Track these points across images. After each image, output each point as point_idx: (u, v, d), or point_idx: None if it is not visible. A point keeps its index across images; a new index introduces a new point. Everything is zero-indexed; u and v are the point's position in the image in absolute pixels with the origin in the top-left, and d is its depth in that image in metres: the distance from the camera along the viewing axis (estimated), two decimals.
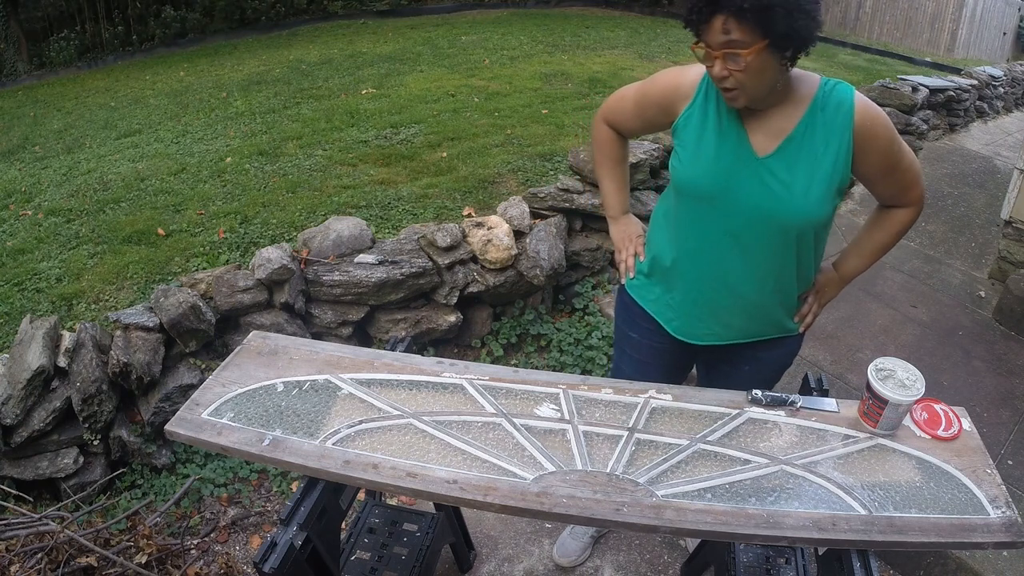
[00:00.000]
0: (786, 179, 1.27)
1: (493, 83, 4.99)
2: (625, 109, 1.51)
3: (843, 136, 1.25)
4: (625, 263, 1.61)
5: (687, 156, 1.35)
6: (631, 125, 1.54)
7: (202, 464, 2.30)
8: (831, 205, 1.30)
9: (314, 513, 1.21)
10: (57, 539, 1.63)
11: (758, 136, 1.29)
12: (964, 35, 8.91)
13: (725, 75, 1.18)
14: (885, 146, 1.28)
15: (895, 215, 1.42)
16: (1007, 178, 3.87)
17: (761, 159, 1.28)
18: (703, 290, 1.43)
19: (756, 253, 1.34)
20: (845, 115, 1.25)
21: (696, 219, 1.38)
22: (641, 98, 1.46)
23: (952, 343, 2.99)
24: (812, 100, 1.27)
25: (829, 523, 1.07)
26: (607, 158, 1.63)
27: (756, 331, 1.48)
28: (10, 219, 3.24)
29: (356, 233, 2.66)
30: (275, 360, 1.40)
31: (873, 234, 1.47)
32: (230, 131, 4.24)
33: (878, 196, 1.41)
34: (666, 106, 1.39)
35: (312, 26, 8.15)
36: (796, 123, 1.27)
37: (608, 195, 1.68)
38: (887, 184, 1.36)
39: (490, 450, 1.20)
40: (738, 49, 1.14)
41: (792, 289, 1.43)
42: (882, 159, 1.29)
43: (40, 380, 2.06)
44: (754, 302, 1.41)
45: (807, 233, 1.33)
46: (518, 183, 3.30)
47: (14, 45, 7.58)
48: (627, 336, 1.65)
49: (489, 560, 2.06)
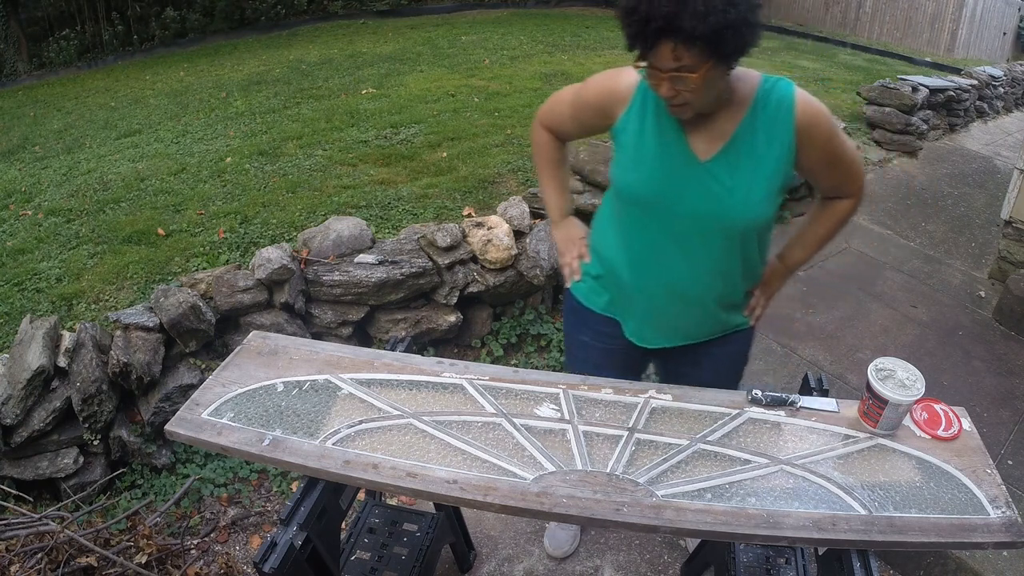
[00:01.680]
0: (728, 183, 1.26)
1: (493, 83, 4.99)
2: (562, 113, 1.49)
3: (785, 134, 1.25)
4: (570, 266, 1.59)
5: (627, 161, 1.33)
6: (568, 129, 1.51)
7: (202, 464, 2.30)
8: (774, 205, 1.30)
9: (314, 513, 1.21)
10: (57, 539, 1.63)
11: (699, 140, 1.27)
12: (964, 35, 8.91)
13: (674, 95, 1.17)
14: (826, 140, 1.27)
15: (837, 207, 1.43)
16: (1007, 178, 3.87)
17: (703, 163, 1.27)
18: (652, 296, 1.42)
19: (702, 257, 1.34)
20: (786, 113, 1.24)
21: (640, 225, 1.37)
22: (577, 102, 1.44)
23: (952, 343, 2.99)
24: (753, 100, 1.25)
25: (829, 523, 1.07)
26: (547, 162, 1.60)
27: (707, 332, 1.49)
28: (10, 219, 3.24)
29: (356, 233, 2.66)
30: (275, 360, 1.40)
31: (816, 226, 1.48)
32: (230, 131, 4.24)
33: (820, 189, 1.42)
34: (603, 110, 1.37)
35: (312, 26, 8.16)
36: (737, 125, 1.25)
37: (549, 199, 1.65)
38: (829, 177, 1.36)
39: (490, 450, 1.20)
40: (687, 73, 1.12)
41: (739, 288, 1.45)
42: (823, 153, 1.29)
43: (40, 380, 2.06)
44: (702, 305, 1.42)
45: (751, 234, 1.33)
46: (518, 183, 3.30)
47: (14, 45, 7.58)
48: (577, 340, 1.63)
49: (489, 560, 2.06)
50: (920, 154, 5.12)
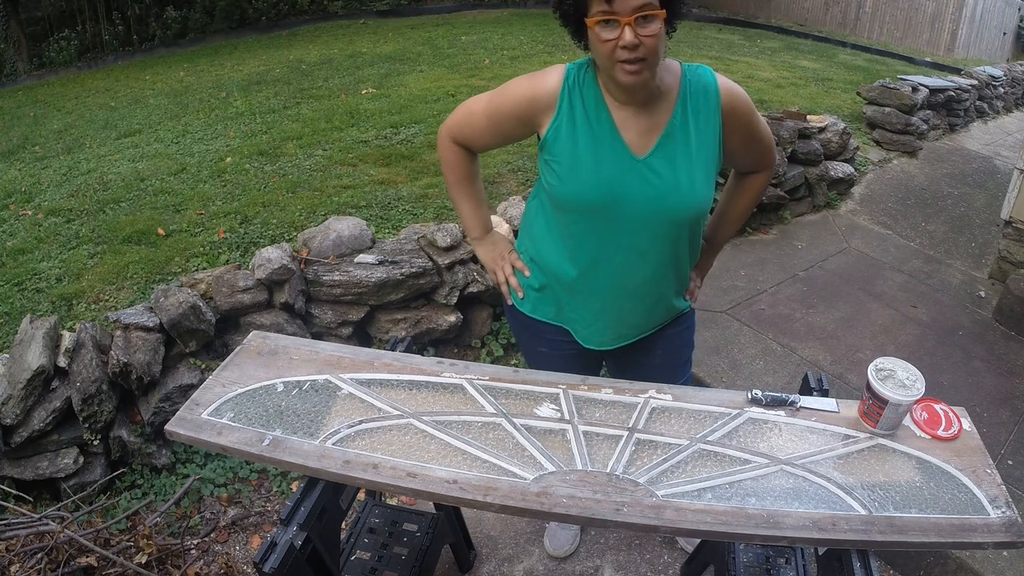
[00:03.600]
0: (668, 175, 1.27)
1: (493, 83, 4.97)
2: (475, 124, 1.41)
3: (714, 119, 1.27)
4: (507, 284, 1.54)
5: (564, 171, 1.29)
6: (484, 141, 1.44)
7: (202, 464, 2.30)
8: (713, 188, 1.32)
9: (314, 513, 1.21)
10: (57, 539, 1.64)
11: (632, 136, 1.27)
12: (964, 35, 8.91)
13: (637, 43, 1.13)
14: (747, 121, 1.32)
15: (754, 181, 1.49)
16: (1007, 178, 3.88)
17: (641, 159, 1.27)
18: (606, 300, 1.42)
19: (652, 253, 1.35)
20: (712, 99, 1.26)
21: (587, 232, 1.33)
22: (494, 112, 1.37)
23: (952, 343, 2.99)
24: (679, 90, 1.27)
25: (829, 523, 1.07)
26: (460, 178, 1.51)
27: (657, 321, 1.51)
28: (10, 219, 3.24)
29: (356, 233, 2.66)
30: (275, 360, 1.40)
31: (738, 203, 1.54)
32: (230, 131, 4.25)
33: (738, 166, 1.46)
34: (525, 118, 1.33)
35: (312, 26, 8.16)
36: (669, 117, 1.26)
37: (466, 217, 1.56)
38: (749, 155, 1.41)
39: (490, 450, 1.20)
40: (653, 11, 1.12)
41: (686, 274, 1.48)
42: (745, 134, 1.34)
43: (40, 380, 2.06)
44: (655, 298, 1.45)
45: (699, 222, 1.36)
46: (518, 183, 3.30)
47: (14, 45, 7.58)
48: (538, 352, 1.60)
49: (489, 560, 2.07)
50: (920, 154, 5.12)
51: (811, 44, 8.14)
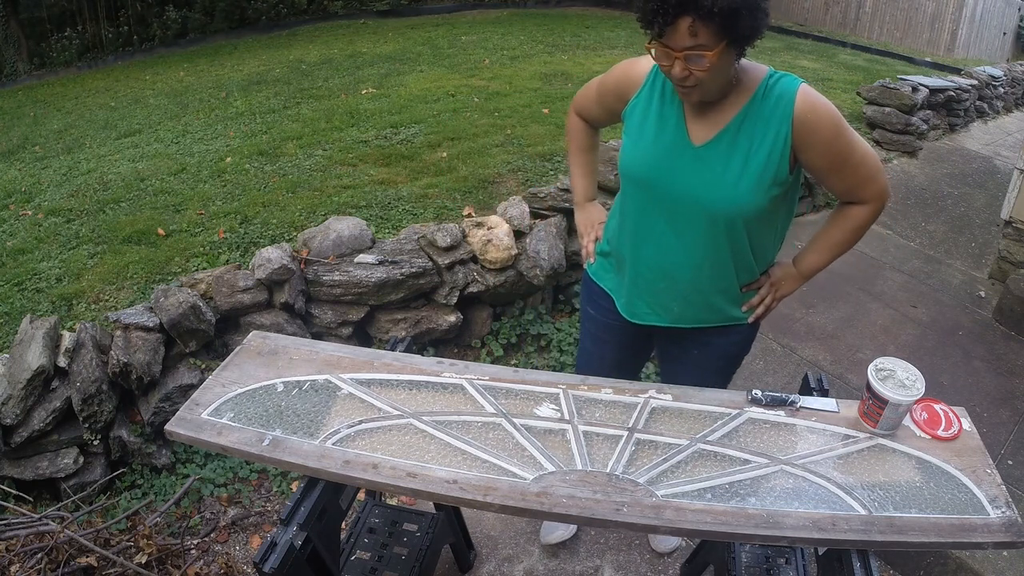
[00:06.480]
0: (718, 169, 1.30)
1: (493, 83, 4.99)
2: (590, 98, 1.59)
3: (780, 128, 1.26)
4: (586, 248, 1.68)
5: (629, 142, 1.41)
6: (595, 114, 1.60)
7: (202, 464, 2.30)
8: (764, 197, 1.30)
9: (314, 513, 1.21)
10: (57, 539, 1.64)
11: (696, 126, 1.32)
12: (964, 35, 8.91)
13: (686, 75, 1.20)
14: (829, 139, 1.26)
15: (852, 212, 1.40)
16: (1007, 178, 3.87)
17: (696, 148, 1.31)
18: (642, 271, 1.48)
19: (689, 239, 1.38)
20: (784, 107, 1.25)
21: (637, 204, 1.43)
22: (600, 87, 1.53)
23: (952, 343, 2.99)
24: (753, 92, 1.27)
25: (829, 523, 1.07)
26: (577, 147, 1.70)
27: (696, 317, 1.50)
28: (10, 219, 3.24)
29: (356, 233, 2.66)
30: (275, 360, 1.40)
31: (831, 231, 1.46)
32: (230, 131, 4.24)
33: (832, 192, 1.41)
34: (620, 94, 1.45)
35: (312, 26, 8.16)
36: (734, 115, 1.28)
37: (576, 182, 1.75)
38: (838, 179, 1.34)
39: (490, 450, 1.20)
40: (702, 51, 1.15)
41: (731, 279, 1.45)
42: (827, 153, 1.28)
43: (40, 380, 2.06)
44: (689, 287, 1.44)
45: (736, 222, 1.34)
46: (518, 183, 3.30)
47: (14, 45, 7.58)
48: (587, 312, 1.72)
49: (489, 560, 2.06)
50: (920, 154, 5.12)
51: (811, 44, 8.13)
